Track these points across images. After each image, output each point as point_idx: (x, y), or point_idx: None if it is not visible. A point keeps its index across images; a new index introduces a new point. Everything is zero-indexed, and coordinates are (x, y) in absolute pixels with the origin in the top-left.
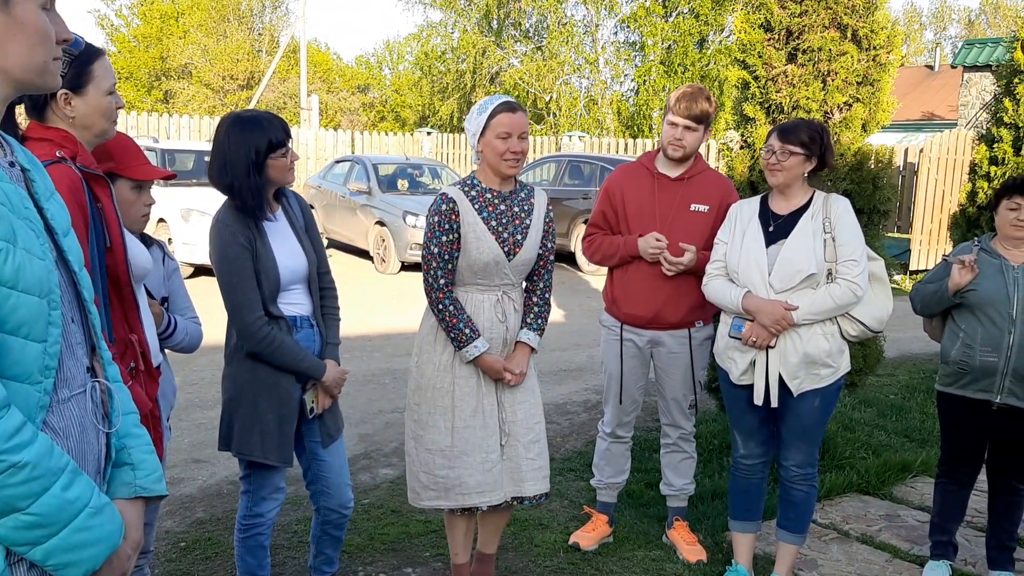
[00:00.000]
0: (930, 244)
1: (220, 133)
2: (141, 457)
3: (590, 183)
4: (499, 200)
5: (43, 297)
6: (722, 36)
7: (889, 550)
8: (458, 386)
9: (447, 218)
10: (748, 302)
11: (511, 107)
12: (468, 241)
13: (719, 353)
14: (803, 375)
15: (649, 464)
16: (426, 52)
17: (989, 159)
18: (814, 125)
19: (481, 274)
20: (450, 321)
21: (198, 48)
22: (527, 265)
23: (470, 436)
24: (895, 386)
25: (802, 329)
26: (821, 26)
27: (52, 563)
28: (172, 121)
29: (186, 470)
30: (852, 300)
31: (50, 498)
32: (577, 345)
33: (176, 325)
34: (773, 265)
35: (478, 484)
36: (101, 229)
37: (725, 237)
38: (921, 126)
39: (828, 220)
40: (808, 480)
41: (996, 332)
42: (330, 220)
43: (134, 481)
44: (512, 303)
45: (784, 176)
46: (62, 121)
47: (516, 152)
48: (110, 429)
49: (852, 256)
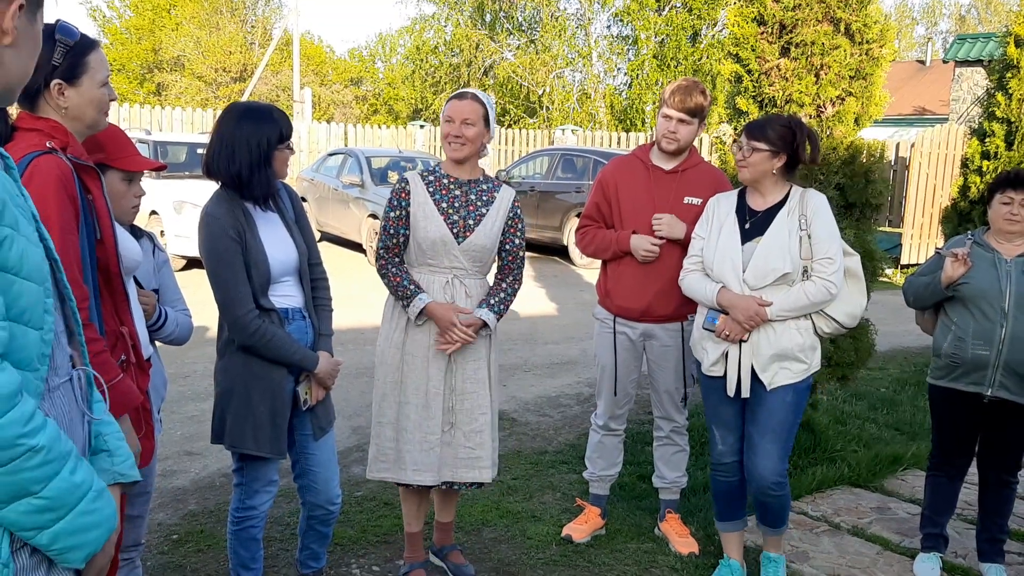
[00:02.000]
0: (921, 238)
1: (227, 123)
2: (116, 444)
3: (583, 177)
4: (455, 186)
5: (41, 284)
6: (715, 30)
7: (880, 542)
8: (406, 363)
9: (397, 196)
10: (723, 297)
11: (459, 95)
12: (416, 219)
13: (693, 343)
14: (776, 368)
15: (641, 457)
16: (419, 45)
17: (981, 153)
18: (787, 121)
19: (430, 253)
20: (393, 280)
21: (191, 40)
22: (481, 252)
23: (411, 413)
24: (886, 379)
25: (776, 324)
26: (814, 20)
27: (58, 547)
28: (165, 113)
29: (179, 463)
30: (827, 298)
31: (60, 481)
32: (570, 338)
33: (167, 317)
34: (748, 263)
35: (414, 462)
36: (91, 221)
37: (703, 232)
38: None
39: (804, 217)
40: (780, 489)
41: (988, 325)
42: (323, 213)
43: (112, 467)
44: (464, 288)
45: (750, 172)
46: (54, 111)
47: (456, 136)
48: (94, 416)
49: (828, 254)
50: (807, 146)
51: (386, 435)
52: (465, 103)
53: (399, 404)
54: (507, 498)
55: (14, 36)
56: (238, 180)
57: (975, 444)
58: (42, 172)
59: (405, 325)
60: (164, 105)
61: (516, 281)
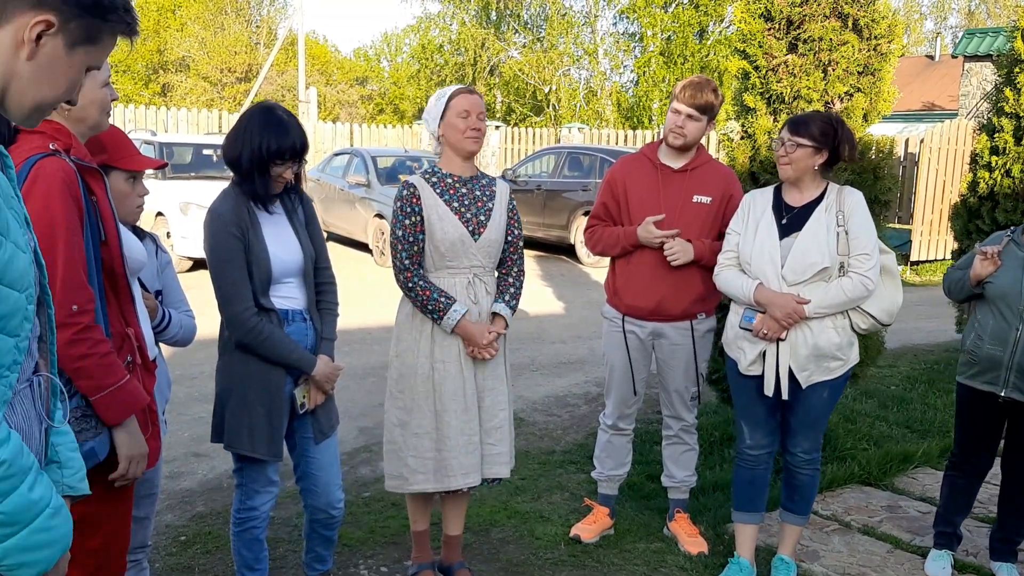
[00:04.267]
0: (931, 235)
1: (245, 118)
2: (68, 455)
3: (589, 175)
4: (460, 184)
5: (22, 292)
6: (722, 27)
7: (891, 541)
8: (437, 371)
9: (408, 202)
10: (760, 294)
11: (468, 90)
12: (432, 222)
13: (728, 343)
14: (812, 367)
15: (650, 456)
16: (424, 44)
17: (990, 149)
18: (828, 118)
19: (449, 255)
20: (423, 294)
21: (196, 41)
22: (494, 247)
23: (452, 420)
24: (896, 377)
25: (813, 322)
26: (822, 15)
27: (8, 563)
28: (170, 114)
29: (186, 464)
30: (864, 294)
31: (18, 497)
32: (577, 337)
33: (171, 318)
34: (786, 257)
35: (461, 466)
36: (96, 223)
37: (738, 227)
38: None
39: (841, 213)
40: (813, 464)
41: (1004, 326)
42: (329, 213)
43: (61, 480)
44: (484, 285)
45: (792, 169)
46: (57, 113)
47: (476, 129)
48: (54, 424)
49: (864, 250)
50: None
51: (424, 446)
52: (477, 98)
53: (436, 413)
54: (515, 498)
55: (32, 51)
56: (236, 166)
57: (995, 446)
58: (46, 174)
59: (431, 332)
60: (169, 106)
61: (521, 273)
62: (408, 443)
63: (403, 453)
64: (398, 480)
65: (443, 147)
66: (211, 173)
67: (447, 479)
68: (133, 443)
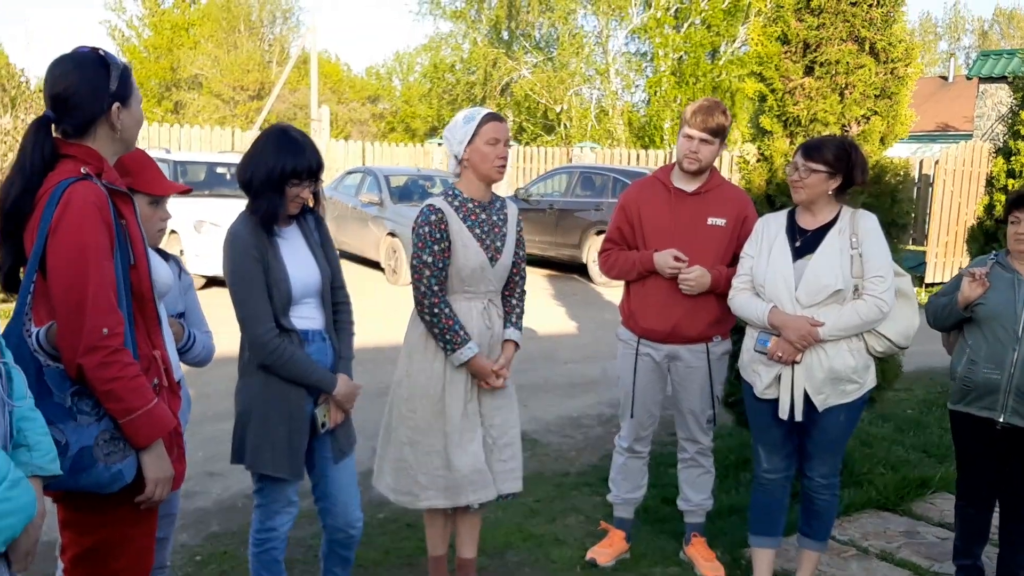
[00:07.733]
0: (946, 257)
1: (260, 141)
2: (37, 439)
3: (602, 194)
4: (480, 209)
5: None
6: (734, 47)
7: (909, 567)
8: (448, 392)
9: (437, 227)
10: (774, 317)
11: (498, 117)
12: (456, 249)
13: (744, 366)
14: (828, 391)
15: (666, 479)
16: (436, 63)
17: (1007, 172)
18: (842, 142)
19: (468, 281)
20: (446, 323)
21: (208, 59)
22: (506, 271)
23: (460, 439)
24: (913, 401)
25: (828, 345)
26: (838, 39)
27: None
28: (183, 132)
29: (200, 483)
30: (878, 316)
31: None
32: (590, 358)
33: (195, 339)
34: (800, 280)
35: (472, 483)
36: (126, 246)
37: (752, 251)
38: (935, 137)
39: (855, 236)
40: (831, 489)
41: (1000, 348)
42: (341, 231)
43: (31, 461)
44: (496, 309)
45: (806, 193)
46: (106, 136)
47: (503, 158)
48: (15, 404)
49: (879, 272)
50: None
51: (435, 463)
52: (505, 125)
53: (445, 433)
54: (530, 521)
55: None
56: (249, 188)
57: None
58: (78, 199)
59: (445, 354)
60: (182, 124)
61: (523, 293)
62: (419, 461)
63: (413, 471)
64: (408, 496)
65: (465, 171)
66: (225, 191)
67: (458, 495)
68: (160, 466)
